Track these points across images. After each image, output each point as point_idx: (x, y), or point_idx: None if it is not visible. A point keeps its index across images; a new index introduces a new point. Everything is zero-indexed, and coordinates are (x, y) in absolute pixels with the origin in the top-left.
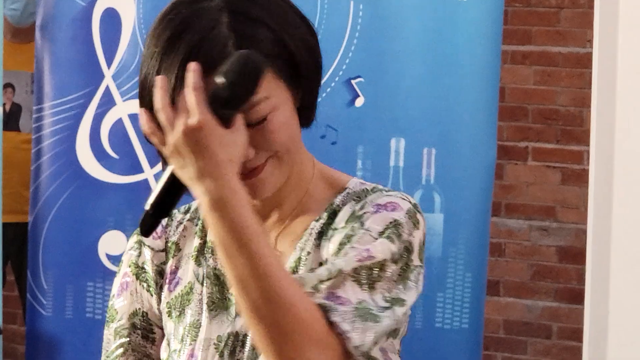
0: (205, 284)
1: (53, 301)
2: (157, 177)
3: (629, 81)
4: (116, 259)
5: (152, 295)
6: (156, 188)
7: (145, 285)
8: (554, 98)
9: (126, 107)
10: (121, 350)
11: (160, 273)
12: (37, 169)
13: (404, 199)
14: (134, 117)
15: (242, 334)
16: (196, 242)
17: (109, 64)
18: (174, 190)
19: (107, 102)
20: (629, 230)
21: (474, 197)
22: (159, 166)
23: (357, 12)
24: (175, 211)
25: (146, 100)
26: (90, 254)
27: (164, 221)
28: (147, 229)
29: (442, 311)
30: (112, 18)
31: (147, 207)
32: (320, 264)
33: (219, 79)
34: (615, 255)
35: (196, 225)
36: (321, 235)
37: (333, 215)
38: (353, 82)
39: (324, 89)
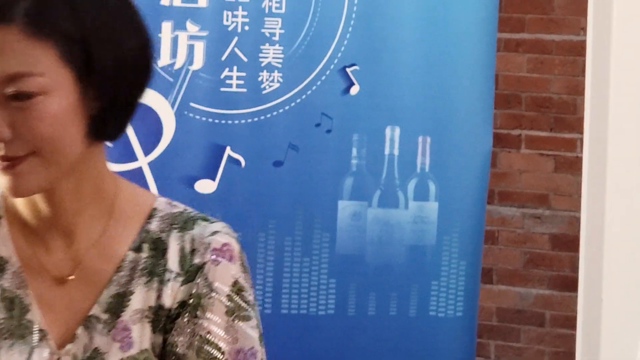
0: None
1: None
2: (151, 165)
3: (622, 69)
4: None
5: None
6: None
7: None
8: (547, 86)
9: None
10: None
11: None
12: None
13: (229, 235)
14: None
15: None
16: None
17: None
18: None
19: None
20: (622, 217)
21: (469, 186)
22: (154, 154)
23: (353, 0)
24: None
25: None
26: None
27: None
28: None
29: (437, 299)
30: None
31: None
32: (160, 307)
33: None
34: (609, 243)
35: None
36: (151, 273)
37: (155, 247)
38: (348, 70)
39: (319, 77)
